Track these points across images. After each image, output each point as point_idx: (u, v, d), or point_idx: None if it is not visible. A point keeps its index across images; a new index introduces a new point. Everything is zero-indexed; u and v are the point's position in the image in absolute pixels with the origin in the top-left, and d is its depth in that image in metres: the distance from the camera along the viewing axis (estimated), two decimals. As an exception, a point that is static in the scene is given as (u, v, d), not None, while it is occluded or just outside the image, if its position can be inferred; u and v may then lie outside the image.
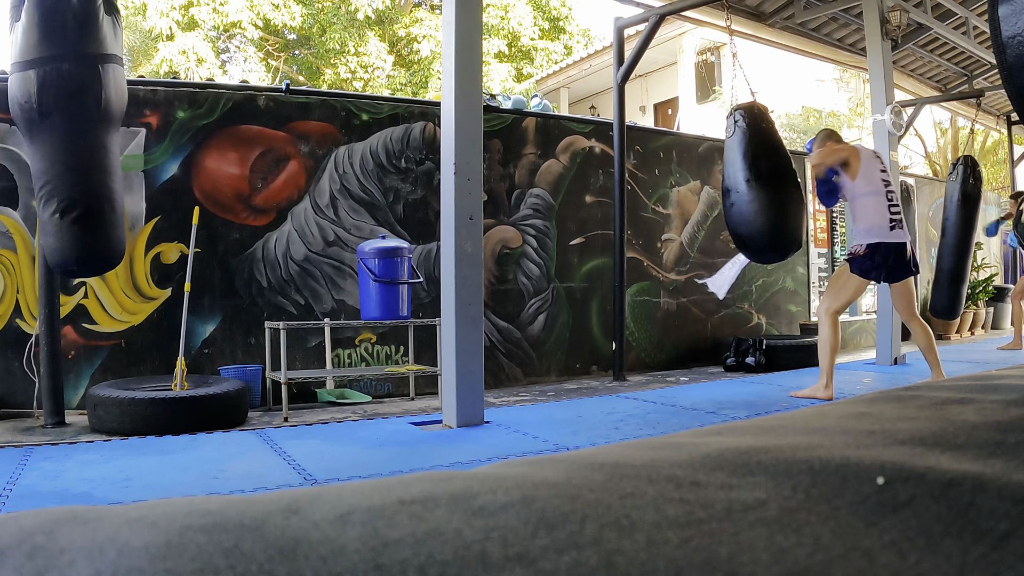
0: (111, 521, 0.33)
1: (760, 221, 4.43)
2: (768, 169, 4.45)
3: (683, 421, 3.92)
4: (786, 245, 4.54)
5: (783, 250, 4.58)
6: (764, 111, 4.62)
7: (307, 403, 5.21)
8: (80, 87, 3.31)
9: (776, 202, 4.44)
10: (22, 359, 4.60)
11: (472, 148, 3.78)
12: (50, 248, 3.37)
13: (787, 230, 4.51)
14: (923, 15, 7.08)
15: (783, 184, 4.49)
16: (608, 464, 0.41)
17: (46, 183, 3.29)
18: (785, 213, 4.48)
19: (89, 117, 3.36)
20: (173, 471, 2.92)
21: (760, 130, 4.52)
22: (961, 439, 0.44)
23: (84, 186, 3.34)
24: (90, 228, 3.36)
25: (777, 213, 4.45)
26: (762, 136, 4.52)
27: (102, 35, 3.40)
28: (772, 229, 4.45)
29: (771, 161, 4.49)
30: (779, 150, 4.59)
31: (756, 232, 4.47)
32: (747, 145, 4.46)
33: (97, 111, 3.38)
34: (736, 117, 4.54)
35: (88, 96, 3.33)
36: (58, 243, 3.32)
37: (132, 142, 4.99)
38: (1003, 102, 10.29)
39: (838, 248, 8.90)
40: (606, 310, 6.72)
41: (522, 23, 14.50)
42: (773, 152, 4.54)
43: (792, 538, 0.31)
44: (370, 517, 0.33)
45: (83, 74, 3.32)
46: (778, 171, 4.50)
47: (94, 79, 3.35)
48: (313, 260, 5.46)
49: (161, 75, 12.23)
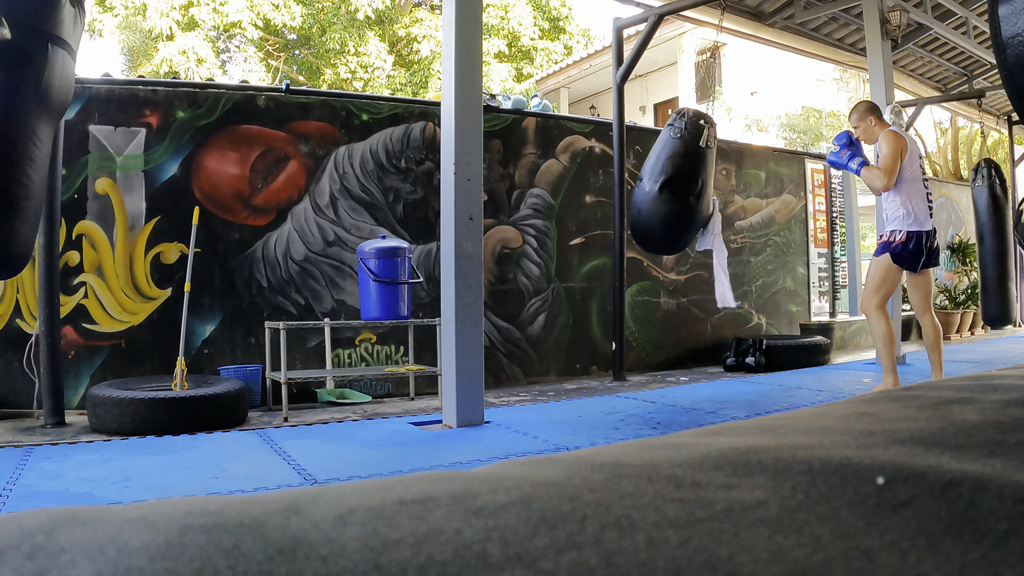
0: (111, 521, 0.33)
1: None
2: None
3: (683, 421, 3.92)
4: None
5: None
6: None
7: (307, 403, 5.21)
8: (20, 58, 2.98)
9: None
10: (22, 359, 4.59)
11: (472, 148, 3.78)
12: None
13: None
14: (923, 15, 7.08)
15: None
16: (608, 464, 0.41)
17: None
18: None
19: (22, 93, 2.99)
20: (173, 471, 2.92)
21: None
22: (961, 439, 0.44)
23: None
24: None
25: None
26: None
27: (61, 19, 3.14)
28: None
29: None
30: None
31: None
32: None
33: (34, 90, 3.02)
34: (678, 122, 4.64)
35: (27, 70, 2.99)
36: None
37: (132, 142, 4.99)
38: (1003, 102, 10.29)
39: (838, 248, 8.90)
40: (606, 310, 6.72)
41: (522, 23, 14.50)
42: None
43: (792, 538, 0.31)
44: (370, 517, 0.33)
45: (28, 47, 3.00)
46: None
47: (39, 55, 3.03)
48: (313, 260, 5.46)
49: (161, 75, 12.23)
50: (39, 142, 3.08)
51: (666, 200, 4.55)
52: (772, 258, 8.08)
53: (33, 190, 3.08)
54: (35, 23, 3.04)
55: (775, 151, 8.67)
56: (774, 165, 8.25)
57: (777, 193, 8.21)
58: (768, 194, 8.08)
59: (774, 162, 8.27)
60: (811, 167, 8.69)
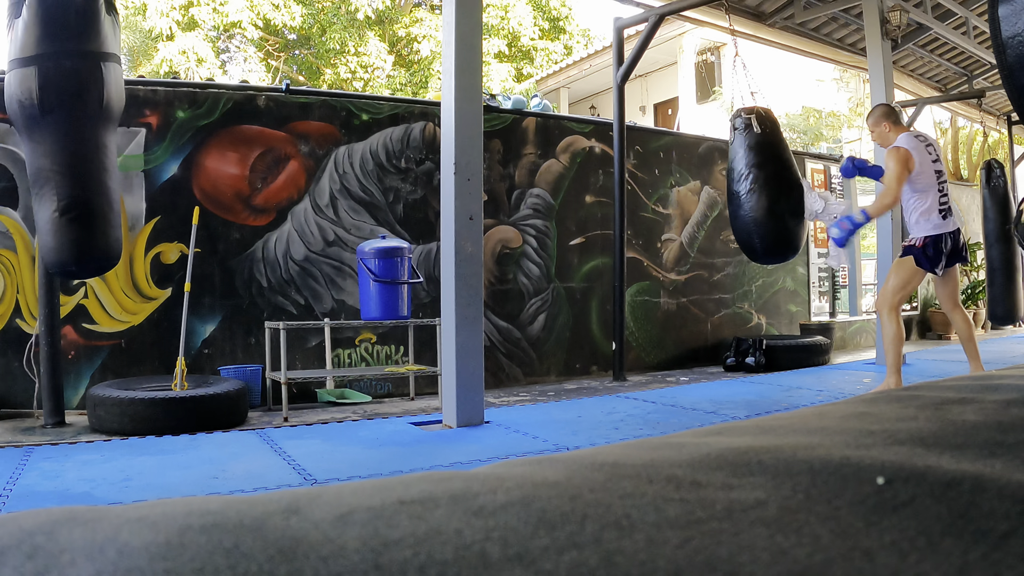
0: (111, 521, 0.33)
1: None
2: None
3: (683, 421, 3.92)
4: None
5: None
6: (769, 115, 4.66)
7: (307, 403, 5.21)
8: (82, 85, 3.28)
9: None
10: (22, 359, 4.59)
11: (472, 148, 3.78)
12: (48, 248, 3.33)
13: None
14: (923, 15, 7.08)
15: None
16: (608, 464, 0.41)
17: (45, 182, 3.25)
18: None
19: (90, 115, 3.34)
20: (173, 471, 2.92)
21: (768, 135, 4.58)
22: (961, 439, 0.44)
23: (84, 185, 3.31)
24: (90, 228, 3.32)
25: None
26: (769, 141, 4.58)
27: (104, 34, 3.39)
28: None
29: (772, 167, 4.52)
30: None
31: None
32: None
33: (98, 109, 3.36)
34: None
35: (90, 94, 3.31)
36: (56, 243, 3.28)
37: (132, 142, 4.99)
38: (1003, 102, 10.29)
39: (838, 248, 8.89)
40: (606, 310, 6.72)
41: (522, 23, 14.50)
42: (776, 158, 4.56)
43: (792, 538, 0.31)
44: (370, 517, 0.33)
45: (85, 72, 3.30)
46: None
47: (96, 77, 3.32)
48: (313, 260, 5.46)
49: (161, 75, 12.23)
50: (109, 153, 3.45)
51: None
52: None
53: (115, 196, 3.44)
54: (82, 46, 3.29)
55: (775, 151, 8.66)
56: (774, 165, 8.24)
57: (777, 193, 8.20)
58: (768, 194, 8.08)
59: (774, 162, 8.26)
60: (811, 167, 8.69)
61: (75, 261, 3.34)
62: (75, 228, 3.27)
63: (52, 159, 3.25)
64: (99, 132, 3.39)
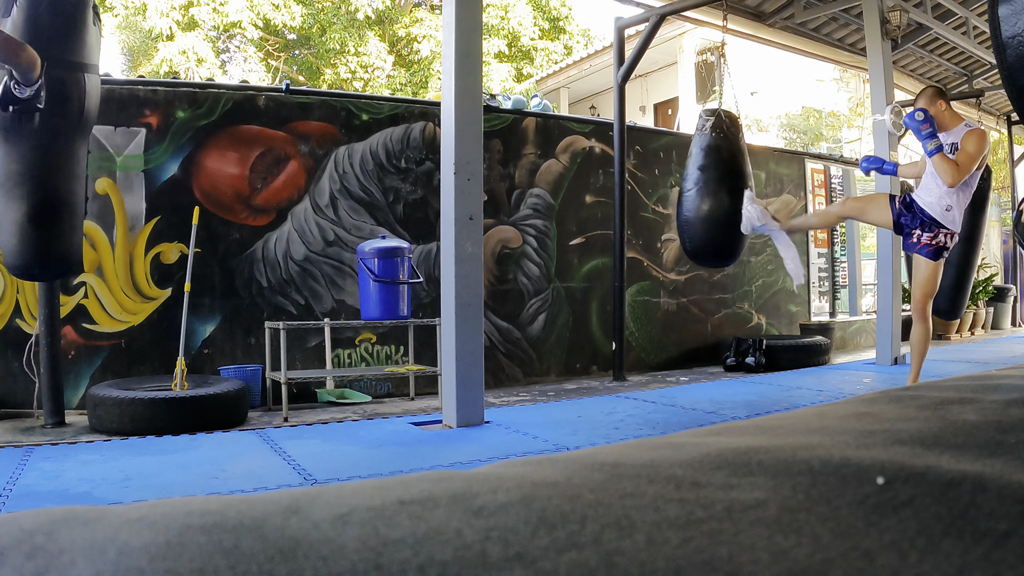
0: (111, 521, 0.33)
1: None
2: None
3: (683, 421, 3.92)
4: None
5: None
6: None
7: (307, 403, 5.21)
8: (66, 95, 3.32)
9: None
10: (22, 359, 4.59)
11: (472, 148, 3.78)
12: (13, 251, 3.36)
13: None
14: (923, 15, 7.08)
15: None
16: (608, 464, 0.41)
17: (15, 185, 3.28)
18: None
19: (70, 125, 3.39)
20: (173, 471, 2.92)
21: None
22: (961, 439, 0.44)
23: (55, 193, 3.36)
24: (57, 234, 3.39)
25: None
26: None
27: (89, 44, 3.43)
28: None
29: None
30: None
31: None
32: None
33: (78, 120, 3.41)
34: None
35: (71, 104, 3.36)
36: (22, 246, 3.32)
37: (132, 142, 4.99)
38: (1003, 102, 10.29)
39: (838, 248, 8.90)
40: (606, 310, 6.72)
41: (522, 23, 14.50)
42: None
43: (792, 538, 0.31)
44: (370, 517, 0.33)
45: (70, 82, 3.34)
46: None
47: (78, 88, 3.37)
48: (313, 260, 5.46)
49: (161, 75, 12.23)
50: (81, 161, 3.52)
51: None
52: (772, 258, 8.07)
53: (79, 203, 3.51)
54: (70, 56, 3.34)
55: (775, 151, 8.67)
56: (774, 165, 8.25)
57: (777, 193, 8.21)
58: (768, 194, 8.08)
59: (774, 162, 8.27)
60: (811, 167, 8.69)
61: (39, 264, 3.41)
62: (41, 233, 3.33)
63: (28, 165, 3.30)
64: (75, 142, 3.44)
